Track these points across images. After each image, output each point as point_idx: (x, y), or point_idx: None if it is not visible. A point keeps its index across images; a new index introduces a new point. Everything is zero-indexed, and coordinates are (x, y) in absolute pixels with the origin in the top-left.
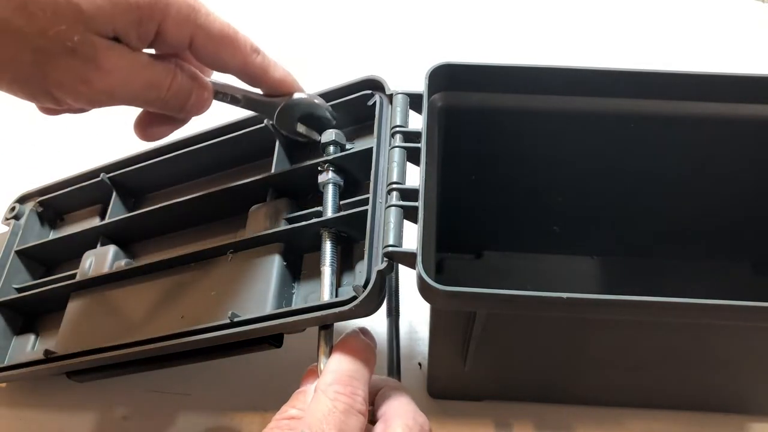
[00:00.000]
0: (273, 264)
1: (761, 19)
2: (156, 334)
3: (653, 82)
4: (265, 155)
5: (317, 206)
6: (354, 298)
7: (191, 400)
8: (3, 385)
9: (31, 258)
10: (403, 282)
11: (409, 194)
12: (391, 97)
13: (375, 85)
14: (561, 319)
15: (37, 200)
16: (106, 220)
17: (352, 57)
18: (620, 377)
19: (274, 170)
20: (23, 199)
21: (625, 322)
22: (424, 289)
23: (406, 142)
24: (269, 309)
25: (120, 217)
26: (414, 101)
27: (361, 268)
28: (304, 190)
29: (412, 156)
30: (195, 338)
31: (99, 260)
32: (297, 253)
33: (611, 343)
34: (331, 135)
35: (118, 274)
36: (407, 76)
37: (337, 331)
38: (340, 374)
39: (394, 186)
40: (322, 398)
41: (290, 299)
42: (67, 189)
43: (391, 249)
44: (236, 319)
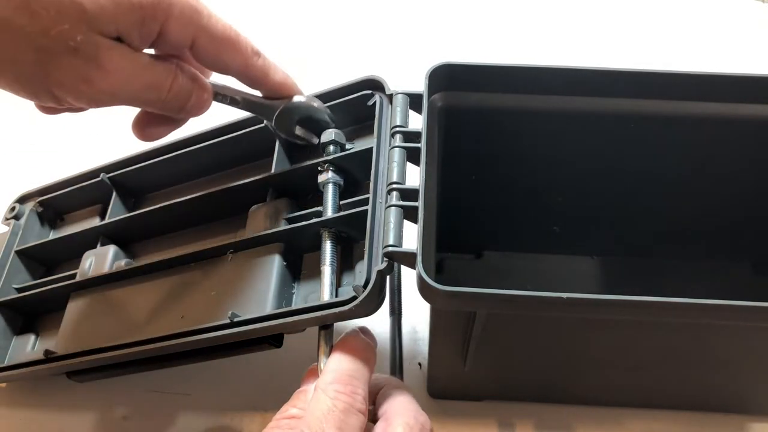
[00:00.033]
0: (273, 264)
1: (761, 19)
2: (156, 334)
3: (653, 82)
4: (265, 155)
5: (317, 206)
6: (354, 298)
7: (191, 400)
8: (3, 385)
9: (31, 258)
10: (403, 282)
11: (409, 194)
12: (391, 97)
13: (375, 85)
14: (561, 319)
15: (37, 200)
16: (106, 220)
17: (352, 57)
18: (620, 377)
19: (274, 170)
20: (23, 199)
21: (625, 322)
22: (424, 289)
23: (406, 142)
24: (269, 309)
25: (120, 217)
26: (414, 101)
27: (361, 268)
28: (304, 190)
29: (412, 156)
30: (195, 338)
31: (99, 260)
32: (297, 253)
33: (611, 343)
34: (330, 135)
35: (118, 274)
36: (407, 76)
37: (337, 330)
38: (339, 373)
39: (394, 186)
40: (322, 397)
41: (290, 299)
42: (67, 189)
43: (391, 249)
44: (236, 319)
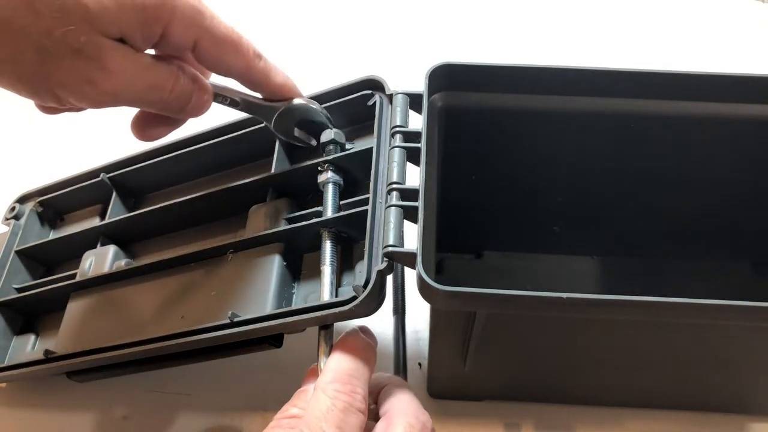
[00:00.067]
0: (273, 264)
1: (761, 19)
2: (156, 334)
3: (653, 82)
4: (265, 155)
5: (317, 206)
6: (354, 298)
7: (191, 400)
8: (3, 385)
9: (31, 258)
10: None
11: (409, 194)
12: (391, 97)
13: (375, 85)
14: (561, 319)
15: (37, 200)
16: (106, 220)
17: (352, 57)
18: (620, 377)
19: (274, 170)
20: (23, 199)
21: (625, 322)
22: (424, 289)
23: (406, 142)
24: (269, 309)
25: (120, 217)
26: (414, 101)
27: (361, 268)
28: (304, 190)
29: (412, 156)
30: (195, 338)
31: (99, 260)
32: (297, 253)
33: (611, 343)
34: (330, 135)
35: (118, 274)
36: (407, 76)
37: (338, 330)
38: (339, 373)
39: (394, 186)
40: (321, 396)
41: (290, 299)
42: (67, 189)
43: (391, 249)
44: (236, 319)
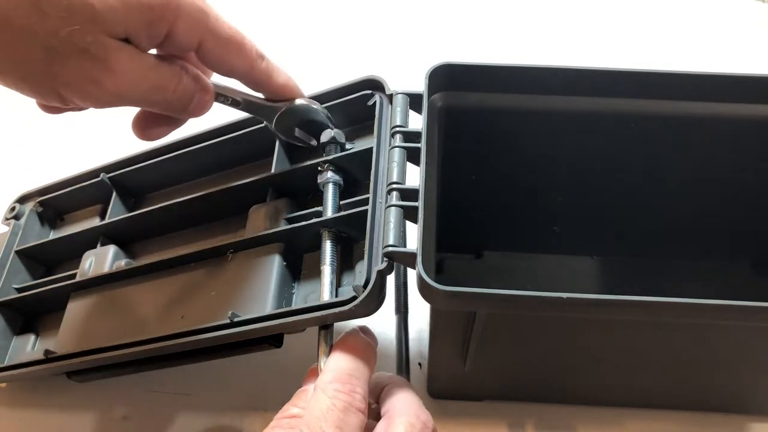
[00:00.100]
0: (273, 264)
1: (761, 19)
2: (156, 334)
3: (653, 82)
4: (265, 155)
5: (317, 206)
6: (354, 298)
7: (191, 400)
8: (3, 385)
9: (31, 258)
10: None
11: (409, 194)
12: (391, 97)
13: (375, 85)
14: (561, 319)
15: (37, 200)
16: (106, 220)
17: (352, 57)
18: (620, 377)
19: (274, 170)
20: (23, 199)
21: (625, 322)
22: (424, 289)
23: (406, 142)
24: (269, 309)
25: (120, 217)
26: (414, 101)
27: (361, 268)
28: (304, 190)
29: (412, 156)
30: (195, 338)
31: (99, 260)
32: (297, 253)
33: (611, 343)
34: (330, 134)
35: (118, 274)
36: (407, 76)
37: (338, 330)
38: (339, 372)
39: (394, 186)
40: (321, 396)
41: (290, 299)
42: (67, 189)
43: (391, 249)
44: (236, 319)
